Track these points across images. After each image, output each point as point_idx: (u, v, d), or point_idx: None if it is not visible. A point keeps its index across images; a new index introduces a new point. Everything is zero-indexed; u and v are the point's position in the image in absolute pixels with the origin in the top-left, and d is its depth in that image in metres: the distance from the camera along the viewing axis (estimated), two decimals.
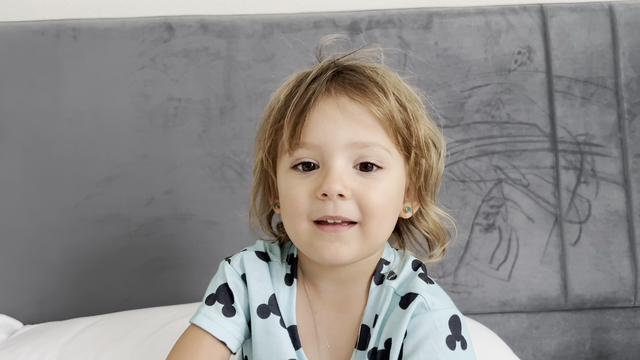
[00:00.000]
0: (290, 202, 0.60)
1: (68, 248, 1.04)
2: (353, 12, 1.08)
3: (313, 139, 0.59)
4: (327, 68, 0.62)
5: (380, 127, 0.60)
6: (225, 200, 1.05)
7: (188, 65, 1.06)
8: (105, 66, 1.06)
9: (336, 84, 0.60)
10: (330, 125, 0.59)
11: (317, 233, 0.60)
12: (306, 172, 0.60)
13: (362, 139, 0.59)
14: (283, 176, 0.62)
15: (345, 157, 0.59)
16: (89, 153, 1.05)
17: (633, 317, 1.06)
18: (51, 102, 1.05)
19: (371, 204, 0.59)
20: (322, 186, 0.58)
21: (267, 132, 0.64)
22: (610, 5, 1.08)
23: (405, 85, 0.65)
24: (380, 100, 0.59)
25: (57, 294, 1.04)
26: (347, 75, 0.61)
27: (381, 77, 0.61)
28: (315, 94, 0.60)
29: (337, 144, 0.59)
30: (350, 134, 0.58)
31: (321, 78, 0.61)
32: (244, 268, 0.66)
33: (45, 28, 1.07)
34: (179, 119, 1.06)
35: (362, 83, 0.60)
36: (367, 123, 0.59)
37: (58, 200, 1.04)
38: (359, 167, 0.60)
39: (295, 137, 0.59)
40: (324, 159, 0.59)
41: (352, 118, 0.59)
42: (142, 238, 1.04)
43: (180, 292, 1.04)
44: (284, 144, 0.61)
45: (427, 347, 0.58)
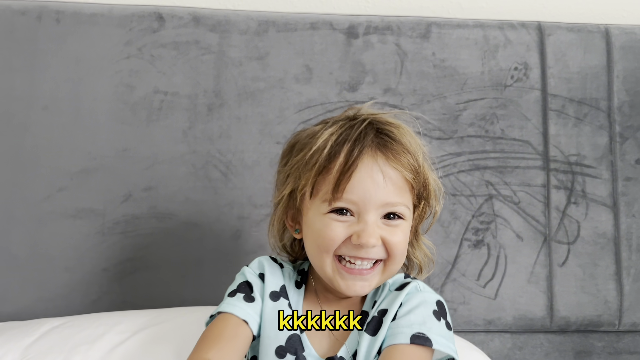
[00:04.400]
0: (327, 242, 0.70)
1: (35, 242, 0.98)
2: (351, 16, 1.05)
3: (353, 196, 0.69)
4: (367, 128, 0.71)
5: (407, 188, 0.71)
6: (207, 201, 1.00)
7: (177, 58, 1.01)
8: (89, 53, 1.01)
9: (377, 149, 0.70)
10: (371, 186, 0.69)
11: (341, 273, 0.71)
12: (342, 216, 0.70)
13: (394, 199, 0.70)
14: (319, 217, 0.70)
15: (378, 212, 0.70)
16: (65, 143, 0.99)
17: (616, 342, 1.05)
18: (27, 87, 0.99)
19: (394, 247, 0.70)
20: (361, 238, 0.68)
21: (306, 177, 0.71)
22: (607, 27, 1.08)
23: (418, 141, 0.74)
24: (412, 168, 0.70)
25: (21, 291, 0.98)
26: (386, 141, 0.70)
27: (412, 143, 0.72)
28: (360, 156, 0.69)
29: (374, 203, 0.69)
30: (385, 196, 0.69)
31: (364, 140, 0.69)
32: (262, 268, 0.76)
33: (26, 8, 1.01)
34: (164, 113, 1.01)
35: (399, 151, 0.70)
36: (399, 186, 0.70)
37: (28, 190, 0.98)
38: (384, 216, 0.70)
39: (339, 192, 0.68)
40: (360, 212, 0.69)
41: (390, 181, 0.69)
42: (116, 236, 0.99)
43: (154, 296, 0.98)
44: (323, 194, 0.70)
45: (418, 311, 0.70)
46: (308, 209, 0.72)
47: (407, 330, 0.68)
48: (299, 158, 0.72)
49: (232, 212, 1.00)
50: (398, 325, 0.69)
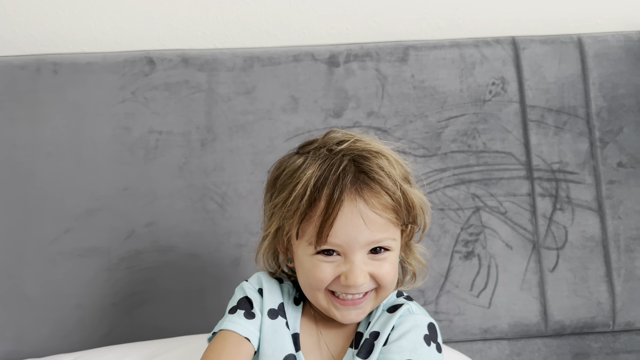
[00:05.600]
0: (317, 282, 0.72)
1: (47, 283, 1.03)
2: (331, 46, 1.10)
3: (337, 240, 0.70)
4: (345, 168, 0.71)
5: (391, 224, 0.72)
6: (206, 232, 1.05)
7: (169, 98, 1.07)
8: (86, 100, 1.07)
9: (357, 192, 0.70)
10: (353, 231, 0.70)
11: (336, 305, 0.73)
12: (329, 256, 0.71)
13: (378, 237, 0.71)
14: (307, 257, 0.72)
15: (363, 251, 0.71)
16: (69, 186, 1.05)
17: (612, 342, 1.07)
18: (30, 136, 1.05)
19: (383, 278, 0.72)
20: (348, 279, 0.70)
21: (290, 222, 0.72)
22: (579, 37, 1.12)
23: (400, 161, 0.75)
24: (393, 207, 0.71)
25: (36, 330, 1.02)
26: (365, 181, 0.71)
27: (391, 175, 0.72)
28: (339, 202, 0.69)
29: (358, 244, 0.70)
30: (368, 237, 0.70)
31: (344, 183, 0.70)
32: (261, 283, 0.78)
33: (26, 63, 1.07)
34: (160, 151, 1.06)
35: (378, 192, 0.70)
36: (382, 224, 0.71)
37: (37, 234, 1.03)
38: (370, 251, 0.72)
39: (322, 238, 0.70)
40: (346, 253, 0.71)
41: (371, 223, 0.70)
42: (122, 271, 1.04)
43: (161, 326, 1.03)
44: (307, 238, 0.71)
45: (409, 337, 0.72)
46: (296, 247, 0.74)
47: (397, 357, 0.70)
48: (281, 200, 0.73)
49: (230, 241, 1.05)
50: (389, 350, 0.71)
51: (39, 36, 1.14)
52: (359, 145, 0.74)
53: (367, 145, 0.74)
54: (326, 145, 0.75)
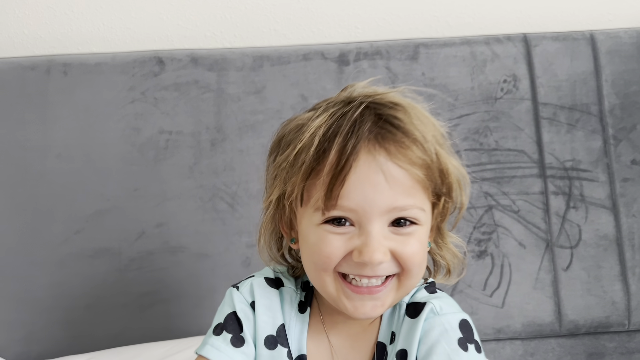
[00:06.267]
0: (322, 258, 0.58)
1: (57, 284, 1.03)
2: (341, 45, 1.10)
3: (351, 203, 0.56)
4: (363, 115, 0.57)
5: (419, 187, 0.57)
6: (216, 232, 1.04)
7: (178, 99, 1.07)
8: (96, 100, 1.07)
9: (376, 142, 0.56)
10: (371, 191, 0.55)
11: (347, 292, 0.59)
12: (339, 227, 0.57)
13: (402, 203, 0.56)
14: (312, 228, 0.58)
15: (383, 220, 0.57)
16: (79, 187, 1.04)
17: (627, 342, 1.06)
18: (41, 137, 1.05)
19: (409, 259, 0.58)
20: (362, 254, 0.56)
21: (292, 182, 0.59)
22: (592, 34, 1.11)
23: (433, 121, 0.61)
24: (423, 162, 0.57)
25: (46, 331, 1.02)
26: (387, 130, 0.56)
27: (421, 129, 0.57)
28: (355, 152, 0.55)
29: (377, 209, 0.56)
30: (390, 200, 0.56)
31: (360, 131, 0.56)
32: (254, 295, 0.65)
33: (35, 64, 1.07)
34: (170, 152, 1.06)
35: (404, 143, 0.56)
36: (407, 186, 0.56)
37: (47, 235, 1.03)
38: (392, 223, 0.58)
39: (332, 199, 0.56)
40: (361, 221, 0.57)
41: (394, 182, 0.56)
42: (132, 272, 1.03)
43: (172, 327, 1.02)
44: (314, 201, 0.57)
45: (439, 350, 0.59)
46: (301, 216, 0.60)
47: None
48: (284, 157, 0.60)
49: (241, 241, 1.04)
50: None
51: (48, 37, 1.14)
52: (380, 98, 0.60)
53: (393, 98, 0.60)
54: (341, 98, 0.62)
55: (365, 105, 0.58)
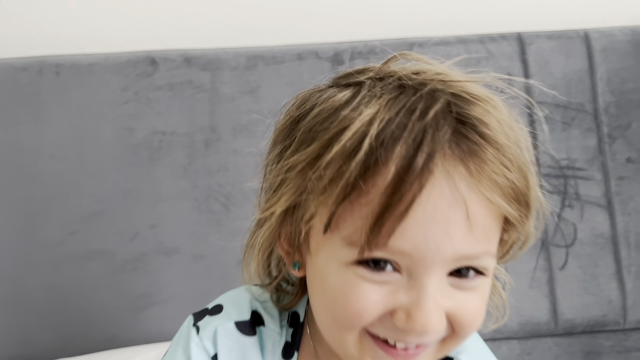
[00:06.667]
0: (348, 314, 0.40)
1: (51, 286, 1.02)
2: (335, 44, 1.09)
3: (406, 245, 0.38)
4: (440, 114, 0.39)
5: (499, 227, 0.42)
6: (211, 232, 1.04)
7: (172, 99, 1.06)
8: (89, 101, 1.06)
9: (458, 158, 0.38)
10: (441, 232, 0.38)
11: (376, 353, 0.42)
12: (379, 273, 0.40)
13: (476, 250, 0.40)
14: (336, 266, 0.41)
15: (444, 270, 0.40)
16: (73, 188, 1.04)
17: (624, 340, 1.05)
18: (34, 138, 1.04)
19: (467, 322, 0.42)
20: (412, 318, 0.39)
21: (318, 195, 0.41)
22: (586, 32, 1.11)
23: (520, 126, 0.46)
24: (515, 192, 0.41)
25: (40, 334, 1.02)
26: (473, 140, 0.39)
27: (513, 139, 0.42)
28: (426, 173, 0.37)
29: (442, 257, 0.39)
30: (464, 246, 0.39)
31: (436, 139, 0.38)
32: (217, 347, 0.50)
33: (27, 64, 1.06)
34: (164, 152, 1.05)
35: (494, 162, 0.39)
36: (489, 226, 0.40)
37: (41, 237, 1.03)
38: (452, 273, 0.41)
39: (381, 236, 0.38)
40: (414, 270, 0.40)
41: (476, 221, 0.39)
42: (127, 274, 1.03)
43: (166, 329, 1.02)
44: (349, 233, 0.40)
45: None
46: (319, 244, 0.42)
47: None
48: (304, 157, 0.42)
49: (236, 242, 1.03)
50: None
51: (40, 38, 1.13)
52: (459, 88, 0.43)
53: (474, 90, 0.44)
54: (392, 74, 0.45)
55: (444, 100, 0.40)
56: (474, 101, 0.43)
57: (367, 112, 0.40)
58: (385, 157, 0.38)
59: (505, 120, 0.44)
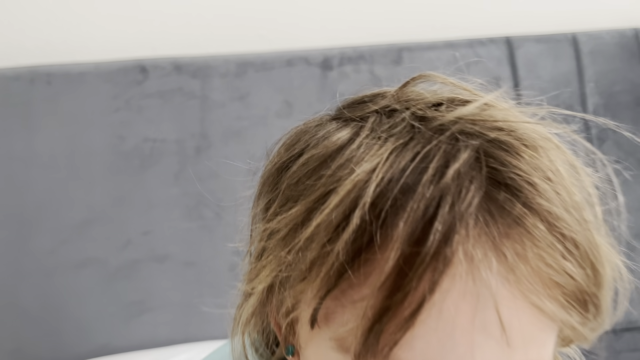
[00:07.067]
0: None
1: (44, 294, 1.03)
2: (325, 50, 1.10)
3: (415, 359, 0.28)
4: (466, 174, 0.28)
5: (552, 332, 0.30)
6: (203, 239, 1.04)
7: (163, 106, 1.07)
8: (80, 110, 1.06)
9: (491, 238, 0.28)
10: (462, 346, 0.28)
11: None
12: None
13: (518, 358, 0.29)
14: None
15: None
16: (64, 197, 1.04)
17: (615, 341, 1.06)
18: (25, 147, 1.05)
19: None
20: None
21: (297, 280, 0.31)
22: (574, 35, 1.11)
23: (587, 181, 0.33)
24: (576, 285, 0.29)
25: (34, 342, 1.02)
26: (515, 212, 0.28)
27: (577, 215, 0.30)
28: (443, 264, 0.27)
29: None
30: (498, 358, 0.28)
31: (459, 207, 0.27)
32: None
33: (19, 74, 1.07)
34: (155, 160, 1.06)
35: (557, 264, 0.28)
36: (533, 335, 0.29)
37: (34, 245, 1.03)
38: None
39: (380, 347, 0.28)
40: None
41: (515, 334, 0.28)
42: (119, 281, 1.03)
43: (159, 335, 1.02)
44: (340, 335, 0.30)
45: None
46: (307, 339, 0.34)
47: None
48: (290, 222, 0.33)
49: (227, 248, 1.04)
50: None
51: (30, 46, 1.14)
52: (491, 129, 0.32)
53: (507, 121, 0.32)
54: (407, 106, 0.34)
55: (473, 150, 0.29)
56: (521, 149, 0.30)
57: (362, 168, 0.29)
58: (384, 237, 0.28)
59: (565, 176, 0.30)
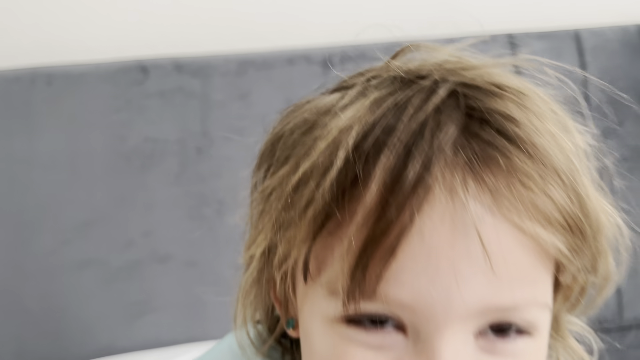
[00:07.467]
0: None
1: (46, 295, 1.02)
2: (326, 48, 1.10)
3: (402, 293, 0.29)
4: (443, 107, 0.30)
5: (543, 266, 0.31)
6: (204, 239, 1.04)
7: (163, 106, 1.06)
8: (81, 110, 1.06)
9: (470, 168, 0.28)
10: (448, 271, 0.28)
11: None
12: (374, 333, 0.30)
13: (508, 299, 0.29)
14: (321, 326, 0.32)
15: (466, 328, 0.29)
16: (66, 198, 1.04)
17: (620, 339, 1.05)
18: (26, 149, 1.05)
19: None
20: None
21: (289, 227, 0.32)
22: (577, 32, 1.11)
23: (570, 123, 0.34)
24: (564, 216, 0.30)
25: (36, 343, 1.02)
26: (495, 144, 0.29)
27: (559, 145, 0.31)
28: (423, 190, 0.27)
29: (456, 311, 0.29)
30: (486, 293, 0.29)
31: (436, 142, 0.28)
32: None
33: (19, 75, 1.07)
34: (156, 160, 1.05)
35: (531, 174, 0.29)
36: (527, 266, 0.30)
37: (35, 247, 1.03)
38: (485, 332, 0.31)
39: (367, 281, 0.28)
40: (421, 328, 0.29)
41: (504, 260, 0.28)
42: (121, 282, 1.03)
43: (161, 336, 1.02)
44: (330, 278, 0.31)
45: None
46: (303, 297, 0.34)
47: None
48: (278, 180, 0.34)
49: (229, 248, 1.03)
50: None
51: (30, 47, 1.14)
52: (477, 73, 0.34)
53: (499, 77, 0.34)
54: (394, 74, 0.36)
55: (448, 88, 0.31)
56: (498, 92, 0.31)
57: (346, 116, 0.31)
58: (367, 174, 0.29)
59: (547, 116, 0.32)
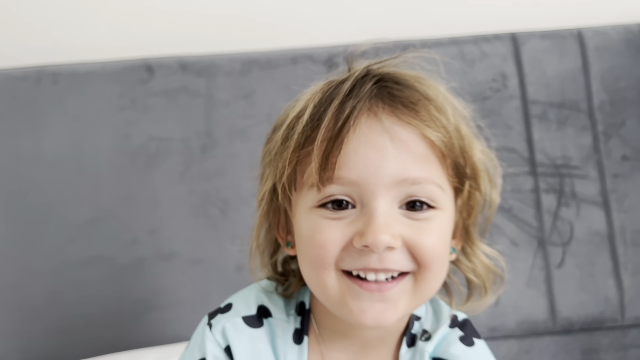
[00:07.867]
0: (316, 250, 0.48)
1: (52, 292, 1.03)
2: (329, 48, 1.10)
3: (351, 173, 0.47)
4: (364, 77, 0.50)
5: (433, 157, 0.48)
6: (209, 237, 1.04)
7: (168, 105, 1.07)
8: (86, 109, 1.07)
9: (380, 100, 0.48)
10: (375, 156, 0.46)
11: (353, 290, 0.48)
12: (338, 211, 0.48)
13: (413, 173, 0.47)
14: (305, 215, 0.49)
15: (391, 196, 0.47)
16: (71, 196, 1.05)
17: (622, 337, 1.06)
18: (32, 147, 1.06)
19: (427, 252, 0.48)
20: (365, 236, 0.46)
21: (284, 157, 0.50)
22: (579, 31, 1.11)
23: (453, 99, 0.55)
24: (437, 123, 0.48)
25: (43, 340, 1.03)
26: (392, 88, 0.49)
27: (434, 91, 0.51)
28: (354, 113, 0.47)
29: (382, 180, 0.46)
30: (398, 168, 0.47)
31: (360, 92, 0.48)
32: (227, 340, 0.54)
33: (26, 74, 1.08)
34: (161, 158, 1.06)
35: (413, 100, 0.48)
36: (419, 153, 0.47)
37: (41, 244, 1.04)
38: (404, 206, 0.48)
39: (328, 170, 0.47)
40: (364, 198, 0.47)
41: (403, 146, 0.47)
42: (126, 279, 1.04)
43: (166, 333, 1.03)
44: (308, 176, 0.49)
45: None
46: (295, 204, 0.52)
47: None
48: (278, 136, 0.54)
49: (233, 245, 1.04)
50: None
51: (37, 46, 1.14)
52: (388, 70, 0.54)
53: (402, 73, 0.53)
54: None
55: (372, 77, 0.50)
56: (395, 75, 0.52)
57: (310, 91, 0.54)
58: (324, 113, 0.48)
59: (431, 84, 0.52)
